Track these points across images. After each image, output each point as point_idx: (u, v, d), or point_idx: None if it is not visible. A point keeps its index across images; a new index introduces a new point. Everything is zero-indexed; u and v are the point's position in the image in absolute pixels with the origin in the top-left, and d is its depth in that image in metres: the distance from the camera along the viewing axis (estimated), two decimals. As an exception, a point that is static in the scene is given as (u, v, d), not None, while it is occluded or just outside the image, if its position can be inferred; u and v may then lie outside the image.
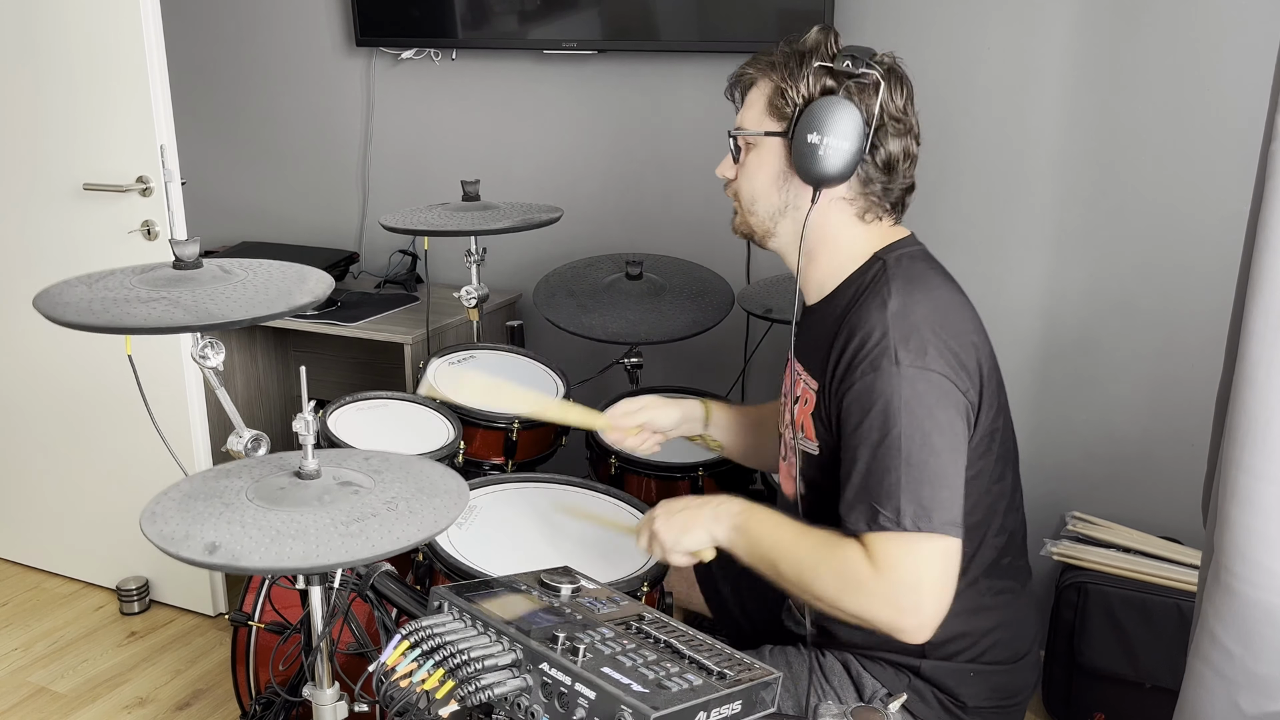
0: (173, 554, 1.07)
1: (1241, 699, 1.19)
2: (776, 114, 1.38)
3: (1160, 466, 2.27)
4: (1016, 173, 2.28)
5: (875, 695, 1.42)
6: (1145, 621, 2.08)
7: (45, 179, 2.52)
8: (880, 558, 1.22)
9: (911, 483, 1.22)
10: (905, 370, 1.25)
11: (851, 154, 1.32)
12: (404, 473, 1.26)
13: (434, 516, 1.15)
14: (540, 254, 2.80)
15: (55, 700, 2.34)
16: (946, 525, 1.22)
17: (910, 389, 1.25)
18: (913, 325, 1.29)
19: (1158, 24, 2.10)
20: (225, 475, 1.24)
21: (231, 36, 3.14)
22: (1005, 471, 1.39)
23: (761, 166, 1.41)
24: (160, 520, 1.13)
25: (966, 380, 1.30)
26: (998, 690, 1.43)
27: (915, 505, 1.22)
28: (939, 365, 1.27)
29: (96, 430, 2.65)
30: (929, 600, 1.22)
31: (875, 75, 1.33)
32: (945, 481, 1.24)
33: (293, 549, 1.07)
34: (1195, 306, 2.17)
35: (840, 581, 1.25)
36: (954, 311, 1.35)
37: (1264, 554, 1.14)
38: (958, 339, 1.31)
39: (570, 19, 2.61)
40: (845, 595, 1.25)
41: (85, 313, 1.28)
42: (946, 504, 1.23)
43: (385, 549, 1.08)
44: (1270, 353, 1.11)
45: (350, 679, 1.36)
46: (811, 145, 1.32)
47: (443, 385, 1.50)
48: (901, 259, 1.39)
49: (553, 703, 1.02)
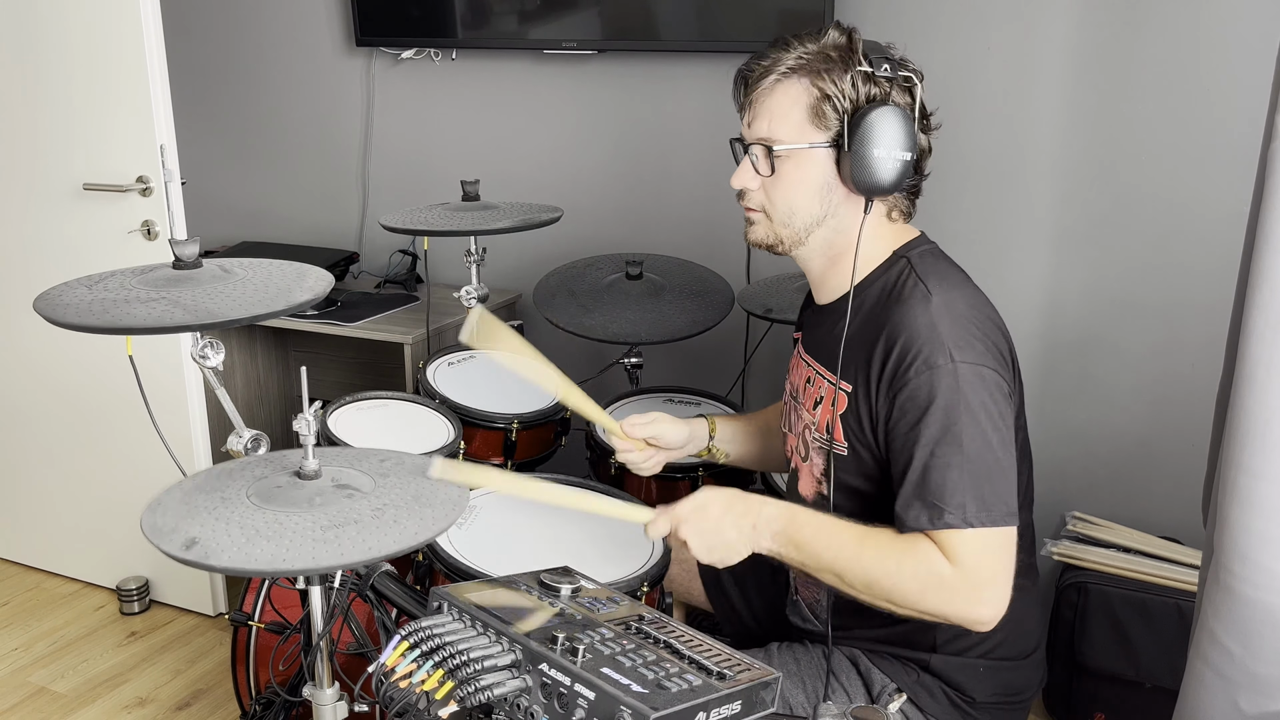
0: (155, 544, 1.08)
1: (1241, 699, 1.19)
2: (820, 123, 1.32)
3: (1160, 466, 2.27)
4: (1016, 173, 2.28)
5: (884, 690, 1.41)
6: (1145, 621, 2.08)
7: (45, 179, 2.52)
8: (958, 555, 1.23)
9: (974, 479, 1.23)
10: (960, 367, 1.25)
11: (907, 163, 1.31)
12: (410, 478, 1.25)
13: (418, 528, 1.13)
14: (540, 254, 2.80)
15: (55, 700, 2.34)
16: (1007, 517, 1.24)
17: (968, 385, 1.25)
18: (959, 322, 1.28)
19: (1158, 24, 2.10)
20: (227, 475, 1.24)
21: (231, 36, 3.14)
22: (1022, 467, 1.39)
23: (802, 179, 1.35)
24: (160, 512, 1.14)
25: (1007, 371, 1.31)
26: (1005, 686, 1.43)
27: (978, 502, 1.23)
28: (989, 360, 1.28)
29: (97, 430, 2.65)
30: (1004, 591, 1.24)
31: (910, 76, 1.32)
32: (1003, 474, 1.25)
33: (262, 551, 1.07)
34: (1195, 306, 2.17)
35: (920, 583, 1.24)
36: (987, 305, 1.36)
37: (1264, 554, 1.14)
38: (998, 332, 1.33)
39: (570, 19, 2.61)
40: (927, 595, 1.24)
41: (85, 314, 1.28)
42: (1005, 496, 1.24)
43: (353, 558, 1.07)
44: (1270, 353, 1.11)
45: (350, 679, 1.36)
46: (876, 158, 1.29)
47: (483, 333, 1.52)
48: (924, 256, 1.39)
49: (552, 703, 1.02)
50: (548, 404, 2.12)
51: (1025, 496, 1.43)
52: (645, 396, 2.25)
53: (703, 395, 2.26)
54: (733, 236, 2.61)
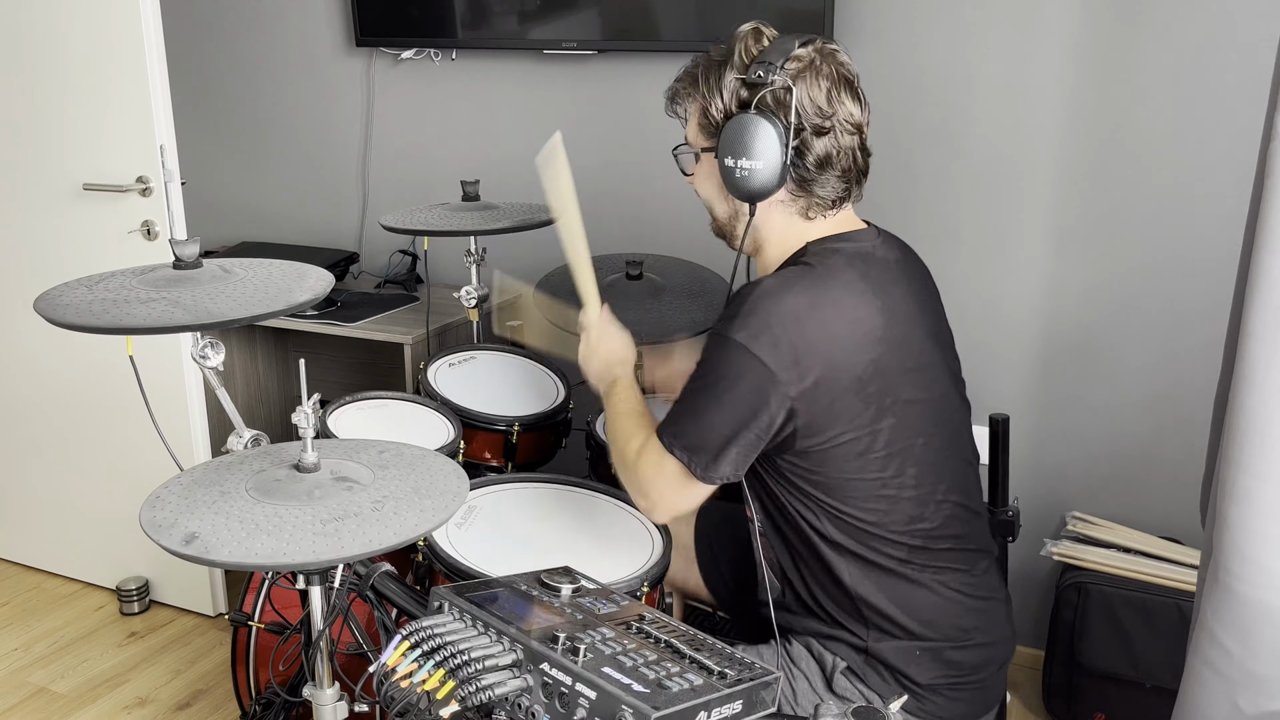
0: (155, 540, 1.07)
1: (1241, 698, 1.20)
2: (706, 131, 1.44)
3: (1160, 466, 2.27)
4: (1016, 172, 2.28)
5: (836, 669, 1.47)
6: (1145, 621, 2.08)
7: (45, 179, 2.52)
8: (643, 452, 1.46)
9: (684, 415, 1.40)
10: (731, 340, 1.35)
11: (773, 169, 1.36)
12: (409, 469, 1.25)
13: (417, 520, 1.14)
14: (540, 254, 2.80)
15: (55, 700, 2.34)
16: (687, 453, 1.39)
17: (724, 356, 1.36)
18: (765, 310, 1.34)
19: (1158, 24, 2.10)
20: (226, 469, 1.24)
21: (231, 36, 3.14)
22: (904, 468, 1.42)
23: (706, 179, 1.49)
24: (159, 506, 1.14)
25: (794, 379, 1.33)
26: (951, 667, 1.46)
27: (674, 429, 1.41)
28: (765, 353, 1.33)
29: (97, 431, 2.65)
30: (654, 496, 1.46)
31: (785, 81, 1.34)
32: (710, 427, 1.37)
33: (262, 545, 1.07)
34: (1195, 306, 2.17)
35: (621, 452, 1.52)
36: (829, 314, 1.37)
37: (1263, 554, 1.14)
38: (811, 340, 1.34)
39: (570, 19, 2.61)
40: (620, 465, 1.53)
41: (85, 314, 1.28)
42: (700, 442, 1.38)
43: (354, 551, 1.07)
44: (1270, 353, 1.11)
45: (350, 679, 1.36)
46: (729, 168, 1.38)
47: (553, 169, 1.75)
48: (826, 252, 1.42)
49: (553, 703, 1.02)
50: (549, 406, 2.13)
51: (931, 491, 1.45)
52: (645, 397, 2.24)
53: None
54: (733, 236, 2.61)
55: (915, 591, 1.45)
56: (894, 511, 1.42)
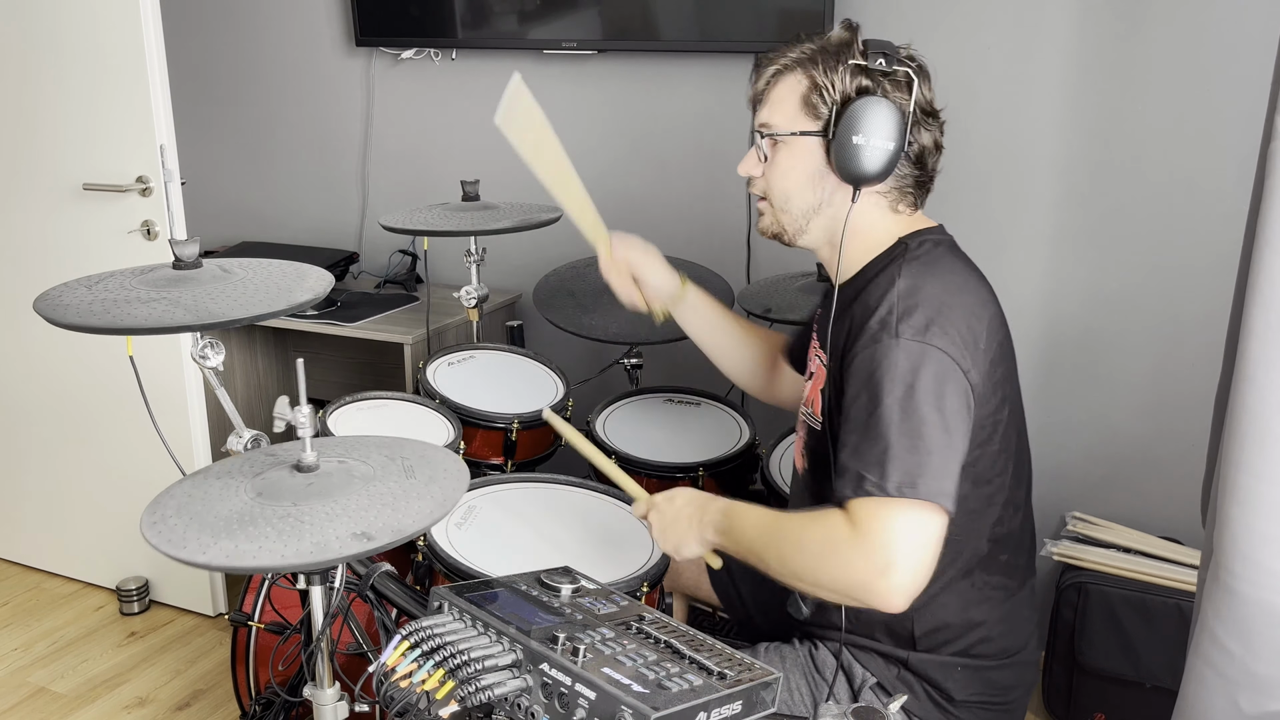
0: (155, 546, 1.07)
1: (1241, 698, 1.19)
2: (811, 113, 1.37)
3: (1160, 466, 2.27)
4: (1017, 172, 2.28)
5: (865, 684, 1.43)
6: (1145, 621, 2.08)
7: (45, 179, 2.52)
8: (860, 520, 1.20)
9: (900, 450, 1.21)
10: (903, 343, 1.25)
11: (892, 152, 1.33)
12: (414, 464, 1.25)
13: (418, 516, 1.13)
14: (540, 254, 2.80)
15: (55, 700, 2.34)
16: (934, 494, 1.20)
17: (907, 361, 1.24)
18: (917, 301, 1.29)
19: (1158, 23, 2.10)
20: (226, 473, 1.24)
21: (231, 36, 3.14)
22: (1007, 465, 1.38)
23: (795, 166, 1.40)
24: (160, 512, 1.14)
25: (969, 361, 1.28)
26: (989, 685, 1.44)
27: (902, 472, 1.20)
28: (940, 341, 1.26)
29: (96, 430, 2.65)
30: (905, 562, 1.18)
31: (908, 71, 1.35)
32: (935, 452, 1.21)
33: (261, 547, 1.06)
34: (1195, 306, 2.17)
35: (819, 548, 1.23)
36: (969, 294, 1.35)
37: (1264, 553, 1.14)
38: (966, 320, 1.31)
39: (570, 19, 2.61)
40: (825, 561, 1.22)
41: (86, 314, 1.28)
42: (935, 473, 1.20)
43: (354, 550, 1.06)
44: (1270, 352, 1.11)
45: (350, 679, 1.36)
46: (856, 146, 1.32)
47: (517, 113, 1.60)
48: (925, 243, 1.40)
49: (553, 703, 1.02)
50: (548, 403, 2.12)
51: (1013, 495, 1.42)
52: (645, 396, 2.25)
53: (703, 395, 2.26)
54: (733, 236, 2.61)
55: (980, 602, 1.40)
56: (984, 514, 1.38)
